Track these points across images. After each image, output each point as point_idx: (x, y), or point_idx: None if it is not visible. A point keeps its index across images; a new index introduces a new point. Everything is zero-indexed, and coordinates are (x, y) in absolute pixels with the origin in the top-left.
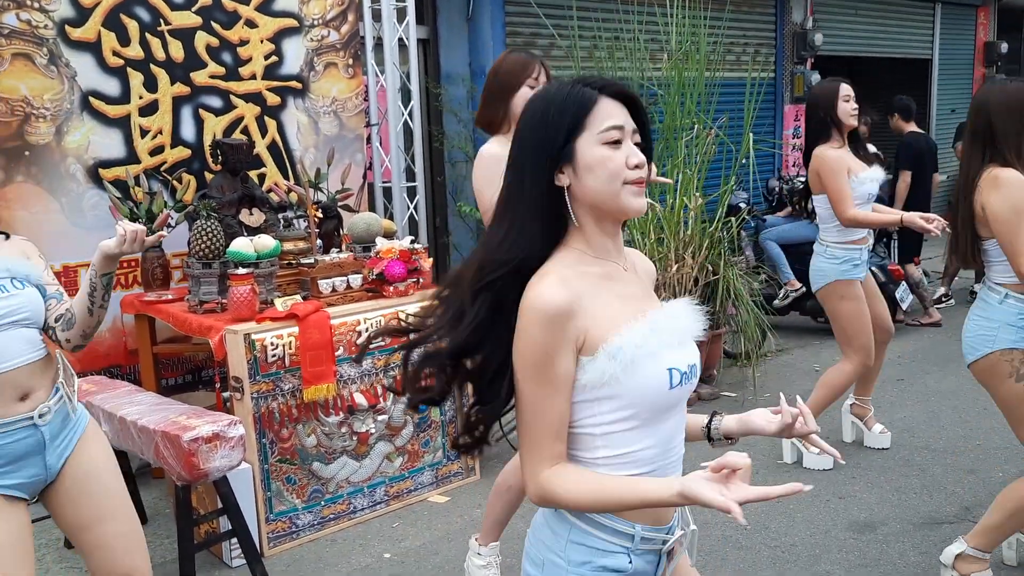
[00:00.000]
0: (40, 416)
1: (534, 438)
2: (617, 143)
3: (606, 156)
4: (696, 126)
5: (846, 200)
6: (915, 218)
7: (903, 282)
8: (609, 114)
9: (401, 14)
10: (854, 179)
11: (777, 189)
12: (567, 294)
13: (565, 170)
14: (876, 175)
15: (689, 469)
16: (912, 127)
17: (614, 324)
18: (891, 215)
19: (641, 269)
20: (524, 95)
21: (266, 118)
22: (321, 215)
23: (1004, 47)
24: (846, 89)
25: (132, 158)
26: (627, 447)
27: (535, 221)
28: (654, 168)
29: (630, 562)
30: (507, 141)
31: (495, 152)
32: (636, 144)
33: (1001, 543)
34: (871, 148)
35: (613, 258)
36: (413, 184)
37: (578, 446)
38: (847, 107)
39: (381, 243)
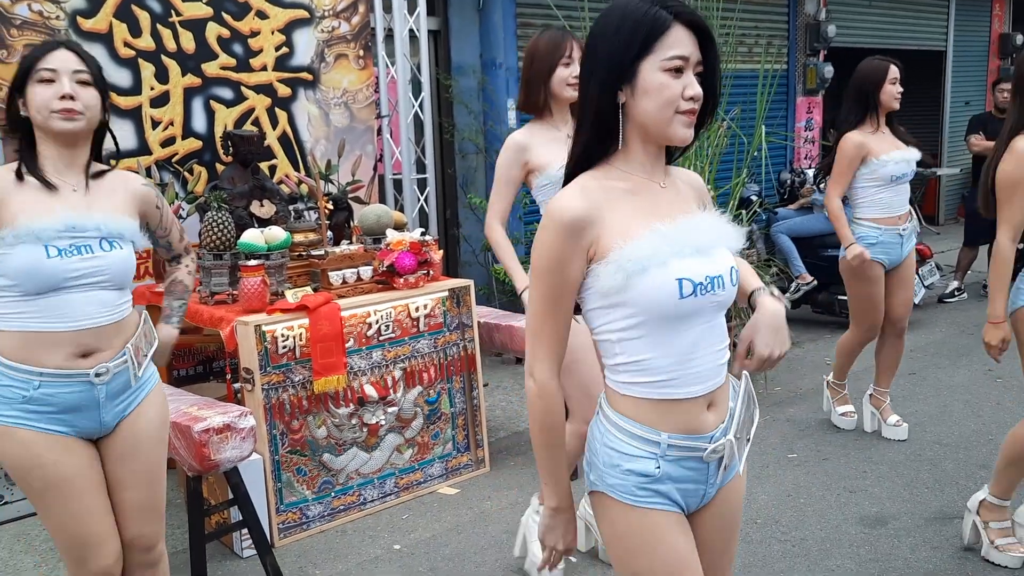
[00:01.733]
0: (97, 375)
1: (538, 337)
2: (679, 71)
3: (664, 83)
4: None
5: (837, 188)
6: (857, 254)
7: (916, 275)
8: (678, 41)
9: (412, 5)
10: (874, 162)
11: (789, 182)
12: (585, 203)
13: (625, 88)
14: (907, 156)
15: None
16: None
17: (626, 234)
18: (845, 233)
19: (684, 183)
20: (561, 76)
21: (277, 109)
22: (331, 207)
23: (1020, 39)
24: (895, 71)
25: (143, 149)
26: (640, 355)
27: (590, 132)
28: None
29: (658, 467)
30: (544, 127)
31: (518, 141)
32: (698, 74)
33: (1012, 490)
34: None
35: (649, 176)
36: (424, 176)
37: (603, 352)
38: (892, 89)
39: (391, 235)
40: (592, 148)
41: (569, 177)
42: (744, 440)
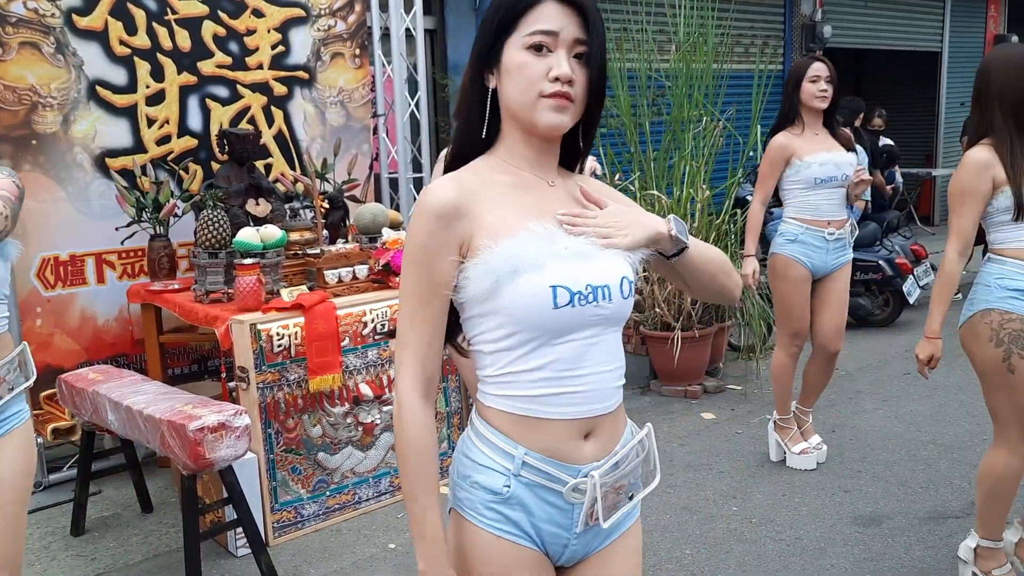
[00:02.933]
0: None
1: (405, 340)
2: (540, 49)
3: (524, 62)
4: (704, 118)
5: (760, 190)
6: (747, 273)
7: (911, 276)
8: (544, 18)
9: (408, 4)
10: (797, 163)
11: None
12: (456, 193)
13: (493, 71)
14: (837, 159)
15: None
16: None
17: (500, 232)
18: (749, 242)
19: (574, 190)
20: (809, 91)
21: (273, 108)
22: (327, 205)
23: (1014, 39)
24: (817, 69)
25: (139, 147)
26: (509, 368)
27: (468, 120)
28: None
29: (507, 486)
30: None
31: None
32: (577, 57)
33: (1002, 528)
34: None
35: (535, 171)
36: (419, 175)
37: (475, 363)
38: (812, 88)
39: (387, 234)
40: (464, 138)
41: (448, 169)
42: (626, 497)
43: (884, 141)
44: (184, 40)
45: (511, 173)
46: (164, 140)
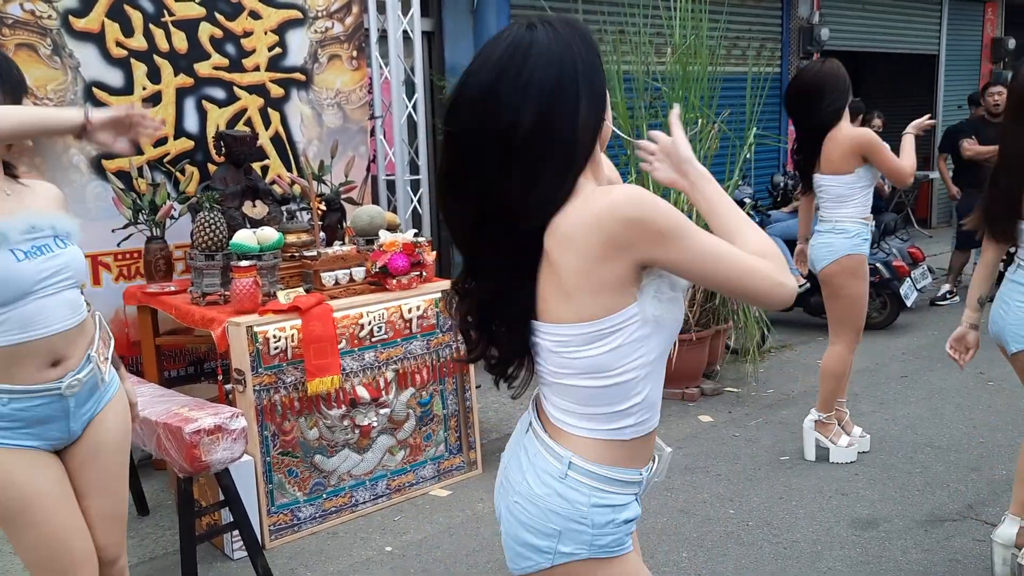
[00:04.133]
0: (68, 388)
1: (746, 253)
2: None
3: None
4: (700, 121)
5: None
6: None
7: (908, 279)
8: None
9: (406, 6)
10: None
11: (782, 184)
12: None
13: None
14: None
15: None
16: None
17: None
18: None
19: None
20: None
21: (270, 110)
22: (324, 208)
23: (1012, 43)
24: None
25: (135, 149)
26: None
27: (582, 164)
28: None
29: (639, 505)
30: None
31: None
32: None
33: None
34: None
35: None
36: (417, 177)
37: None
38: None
39: (384, 236)
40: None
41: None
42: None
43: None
44: (181, 42)
45: None
46: (161, 142)
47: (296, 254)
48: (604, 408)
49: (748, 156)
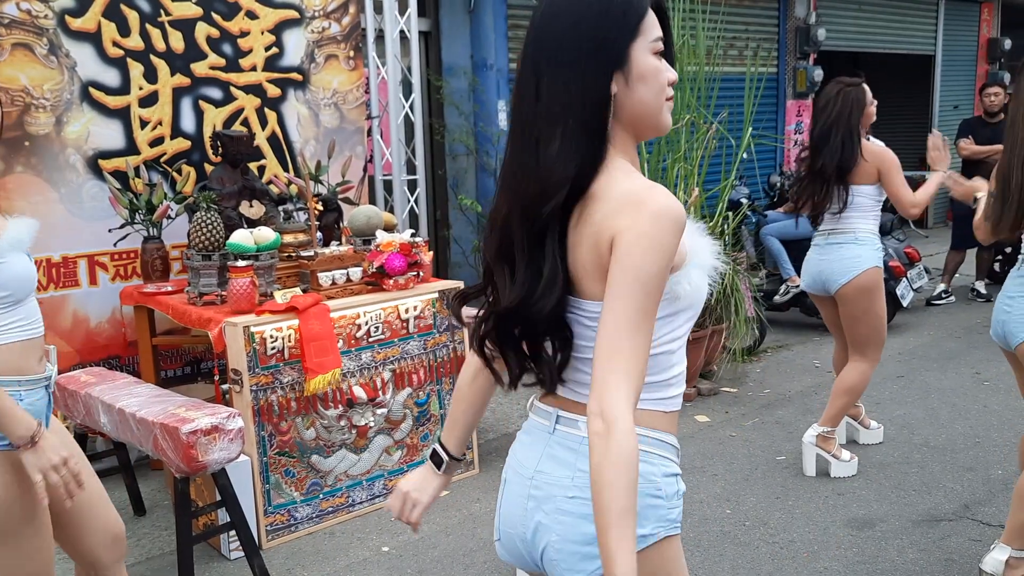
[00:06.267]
0: (49, 378)
1: (628, 355)
2: (660, 56)
3: (659, 67)
4: (695, 121)
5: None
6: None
7: (904, 279)
8: (655, 23)
9: (403, 6)
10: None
11: (779, 184)
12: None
13: (617, 77)
14: None
15: None
16: None
17: (691, 233)
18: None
19: None
20: None
21: (266, 110)
22: (321, 208)
23: (1008, 43)
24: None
25: (132, 149)
26: (680, 367)
27: (586, 134)
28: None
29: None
30: None
31: None
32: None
33: None
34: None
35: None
36: (414, 177)
37: (651, 369)
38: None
39: (381, 236)
40: (593, 155)
41: (574, 186)
42: None
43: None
44: (177, 42)
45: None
46: (157, 142)
47: (293, 254)
48: (652, 376)
49: (745, 156)
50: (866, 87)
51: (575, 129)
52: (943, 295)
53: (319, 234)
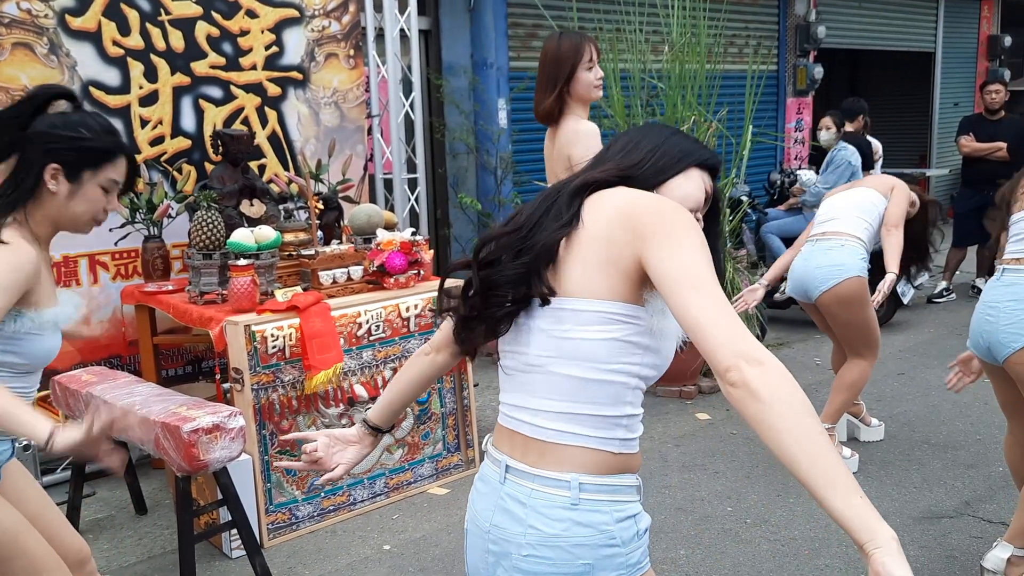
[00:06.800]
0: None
1: (731, 311)
2: None
3: None
4: (692, 118)
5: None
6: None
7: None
8: None
9: (403, 5)
10: None
11: (779, 182)
12: None
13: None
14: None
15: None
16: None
17: None
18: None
19: None
20: (584, 80)
21: (266, 109)
22: (322, 206)
23: (1008, 41)
24: None
25: (132, 148)
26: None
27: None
28: None
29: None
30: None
31: (594, 129)
32: None
33: None
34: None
35: None
36: (414, 176)
37: (616, 400)
38: None
39: (382, 235)
40: None
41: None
42: None
43: (874, 144)
44: (178, 41)
45: None
46: (158, 141)
47: (294, 253)
48: (596, 409)
49: (745, 154)
50: None
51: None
52: (944, 292)
53: (320, 233)
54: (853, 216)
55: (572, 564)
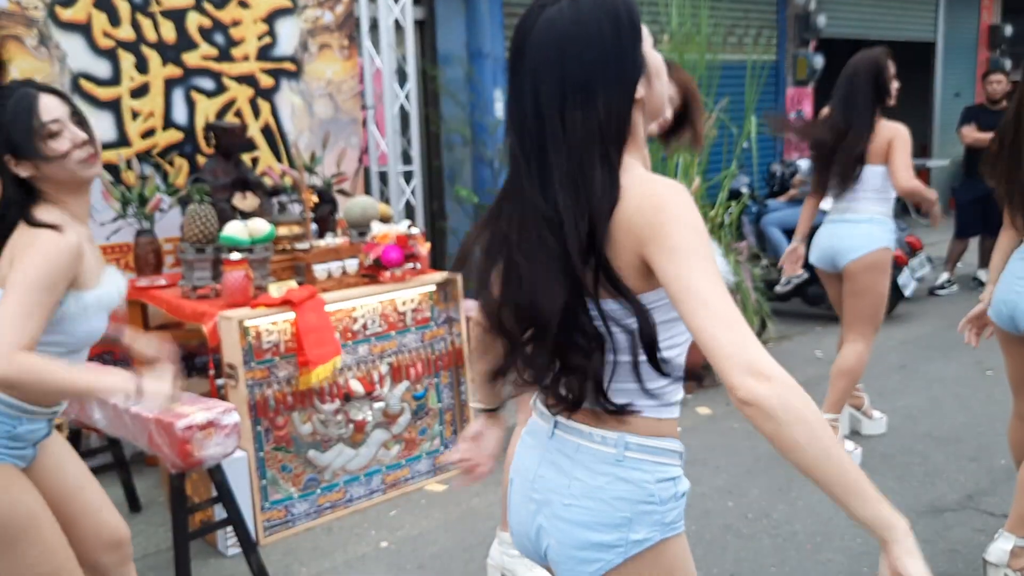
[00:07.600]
0: (55, 412)
1: (738, 317)
2: None
3: (658, 55)
4: None
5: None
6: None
7: (906, 268)
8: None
9: None
10: None
11: (779, 173)
12: None
13: (642, 82)
14: None
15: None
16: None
17: None
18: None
19: None
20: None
21: (259, 100)
22: (316, 199)
23: (1009, 30)
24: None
25: (123, 141)
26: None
27: (618, 152)
28: None
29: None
30: None
31: None
32: None
33: None
34: None
35: None
36: (410, 168)
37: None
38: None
39: (377, 228)
40: (617, 164)
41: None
42: None
43: None
44: (169, 32)
45: None
46: (149, 133)
47: (288, 246)
48: (649, 383)
49: (746, 145)
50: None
51: (612, 151)
52: (946, 284)
53: (314, 226)
54: (870, 198)
55: (612, 516)
